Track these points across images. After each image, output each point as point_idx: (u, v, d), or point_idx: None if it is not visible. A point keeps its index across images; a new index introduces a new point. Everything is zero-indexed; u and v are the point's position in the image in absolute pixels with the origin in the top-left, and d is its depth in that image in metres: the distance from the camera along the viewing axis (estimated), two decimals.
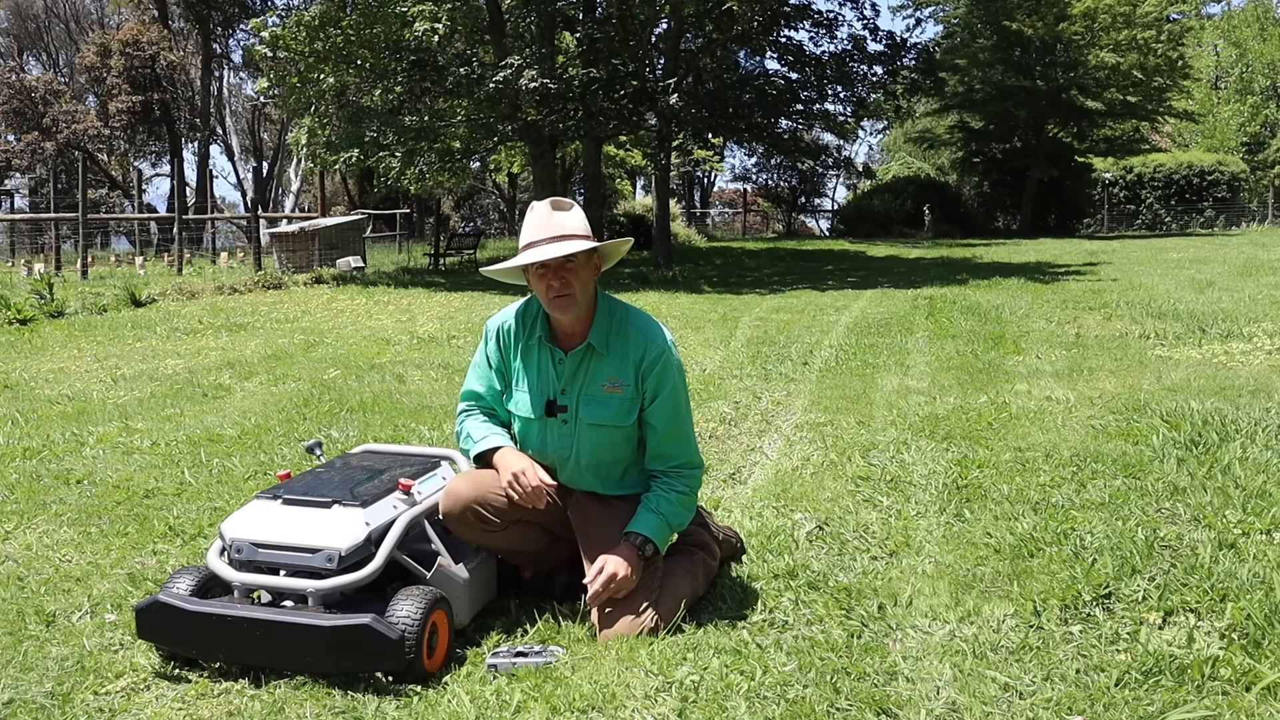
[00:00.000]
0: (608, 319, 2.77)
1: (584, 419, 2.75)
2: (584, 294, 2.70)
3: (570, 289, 2.66)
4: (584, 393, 2.75)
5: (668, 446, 2.75)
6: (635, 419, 2.74)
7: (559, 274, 2.66)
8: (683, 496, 2.74)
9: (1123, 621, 2.57)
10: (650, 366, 2.72)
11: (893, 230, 30.91)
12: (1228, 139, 39.50)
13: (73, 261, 16.97)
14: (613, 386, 2.73)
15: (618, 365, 2.73)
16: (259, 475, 4.23)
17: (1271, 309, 8.61)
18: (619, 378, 2.73)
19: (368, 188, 30.88)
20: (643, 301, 11.70)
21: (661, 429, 2.73)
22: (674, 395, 2.74)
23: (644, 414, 2.74)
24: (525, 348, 2.82)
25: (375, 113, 17.37)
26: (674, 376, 2.74)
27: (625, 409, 2.73)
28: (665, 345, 2.75)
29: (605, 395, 2.73)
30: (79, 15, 43.19)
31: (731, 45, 20.58)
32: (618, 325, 2.76)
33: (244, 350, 8.02)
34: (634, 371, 2.73)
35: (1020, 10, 28.21)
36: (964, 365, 6.56)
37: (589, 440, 2.76)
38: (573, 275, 2.66)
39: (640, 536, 2.65)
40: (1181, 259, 16.20)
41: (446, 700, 2.30)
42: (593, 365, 2.75)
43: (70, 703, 2.34)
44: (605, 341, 2.74)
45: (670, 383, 2.73)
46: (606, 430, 2.75)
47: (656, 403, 2.73)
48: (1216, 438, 4.12)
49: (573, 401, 2.76)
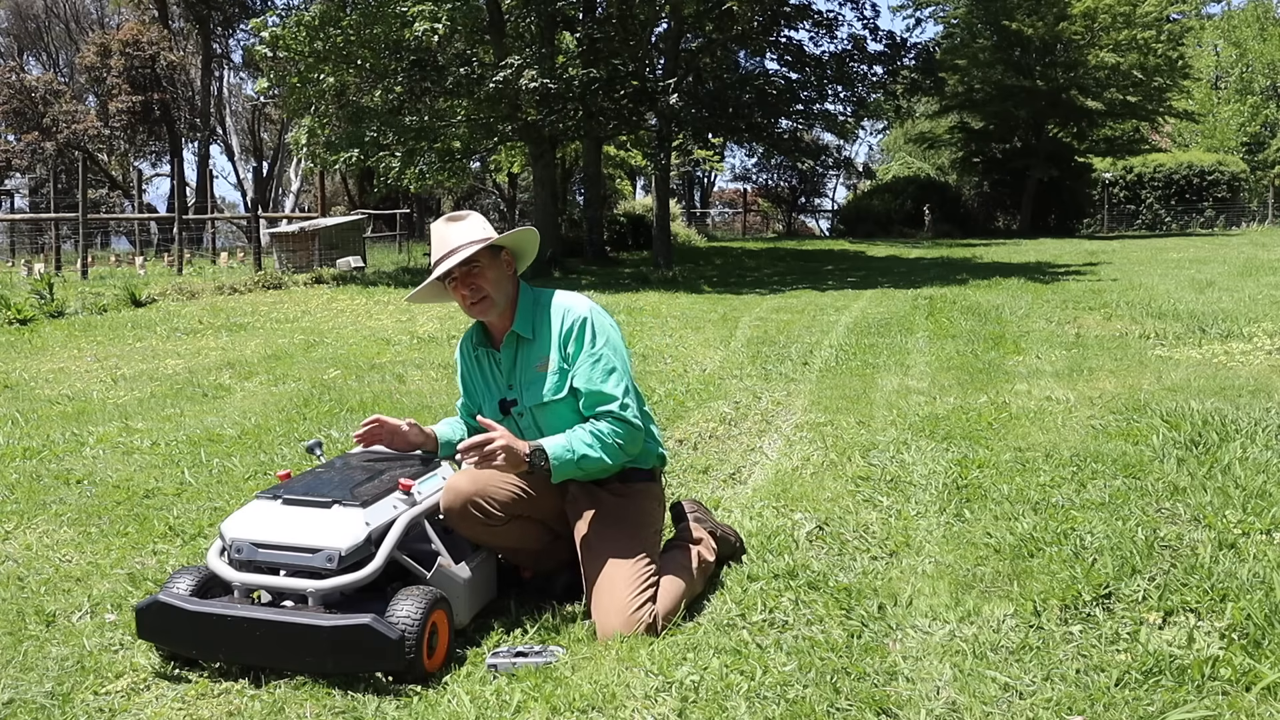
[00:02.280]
0: (531, 305, 2.86)
1: (528, 403, 2.84)
2: (500, 293, 2.81)
3: (483, 292, 2.79)
4: (523, 379, 2.84)
5: (593, 405, 2.77)
6: (568, 389, 2.80)
7: (466, 282, 2.78)
8: (598, 432, 2.72)
9: (1123, 621, 2.57)
10: (569, 334, 2.79)
11: (893, 230, 30.91)
12: (1228, 139, 39.51)
13: (73, 261, 16.97)
14: (543, 364, 2.81)
15: (545, 345, 2.82)
16: (259, 475, 4.23)
17: (1271, 309, 8.61)
18: (545, 355, 2.81)
19: (368, 188, 30.89)
20: (643, 301, 11.71)
21: (584, 390, 2.77)
22: (591, 355, 2.77)
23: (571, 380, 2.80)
24: (475, 360, 2.97)
25: (375, 113, 17.36)
26: (590, 337, 2.78)
27: (557, 383, 2.80)
28: (582, 312, 2.81)
29: (538, 375, 2.82)
30: (79, 15, 43.20)
31: (731, 45, 20.58)
32: (541, 310, 2.85)
33: (244, 350, 8.02)
34: (559, 345, 2.80)
35: (1020, 10, 28.20)
36: (964, 365, 6.56)
37: (545, 422, 2.83)
38: (480, 279, 2.78)
39: (538, 450, 2.65)
40: (1181, 259, 16.20)
41: (446, 700, 2.30)
42: (524, 353, 2.85)
43: (70, 703, 2.34)
44: (530, 327, 2.84)
45: (585, 344, 2.78)
46: (552, 406, 2.81)
47: (576, 364, 2.78)
48: (1216, 438, 4.12)
49: (519, 393, 2.85)
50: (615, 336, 2.85)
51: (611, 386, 2.76)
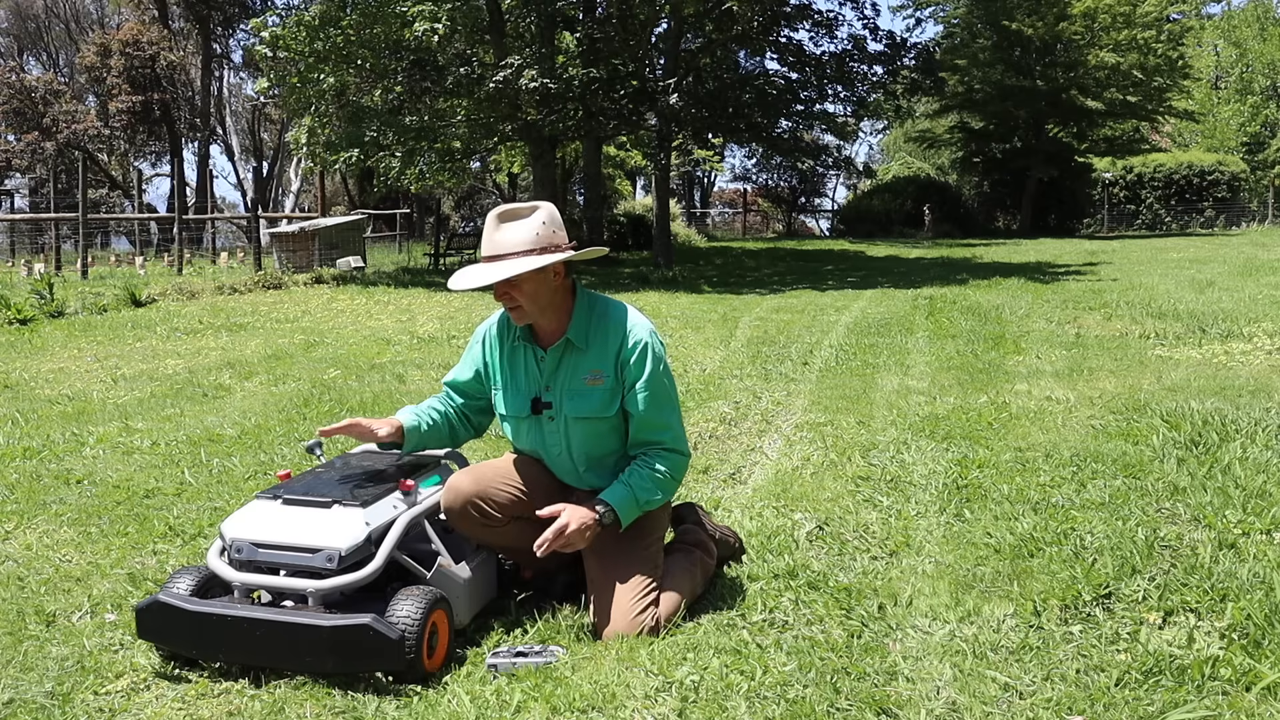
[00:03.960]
0: (587, 314, 2.78)
1: (568, 413, 2.77)
2: (533, 304, 2.71)
3: (517, 303, 2.71)
4: (567, 388, 2.77)
5: (646, 433, 2.75)
6: (618, 409, 2.76)
7: (503, 291, 2.70)
8: (656, 474, 2.72)
9: (1123, 621, 2.57)
10: (629, 355, 2.74)
11: (893, 230, 30.90)
12: (1228, 139, 39.49)
13: (73, 261, 16.96)
14: (594, 379, 2.75)
15: (598, 358, 2.75)
16: (259, 475, 4.23)
17: (1271, 309, 8.61)
18: (599, 370, 2.75)
19: (368, 188, 30.89)
20: (643, 301, 11.70)
21: (639, 415, 2.74)
22: (651, 382, 2.73)
23: (624, 402, 2.76)
24: (510, 350, 2.87)
25: (375, 113, 17.36)
26: (652, 364, 2.74)
27: (607, 400, 2.75)
28: (644, 335, 2.76)
29: (587, 388, 2.75)
30: (79, 15, 43.18)
31: (731, 45, 20.57)
32: (597, 319, 2.78)
33: (244, 350, 8.02)
34: (614, 363, 2.75)
35: (1020, 10, 28.19)
36: (964, 365, 6.56)
37: (577, 434, 2.79)
38: (517, 291, 2.69)
39: (604, 504, 2.66)
40: (1181, 259, 16.20)
41: (446, 700, 2.30)
42: (573, 360, 2.77)
43: (70, 703, 2.34)
44: (584, 336, 2.76)
45: (647, 370, 2.73)
46: (591, 423, 2.76)
47: (635, 390, 2.73)
48: (1216, 438, 4.12)
49: (557, 398, 2.78)
50: (667, 359, 2.83)
51: (666, 415, 2.75)
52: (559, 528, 2.58)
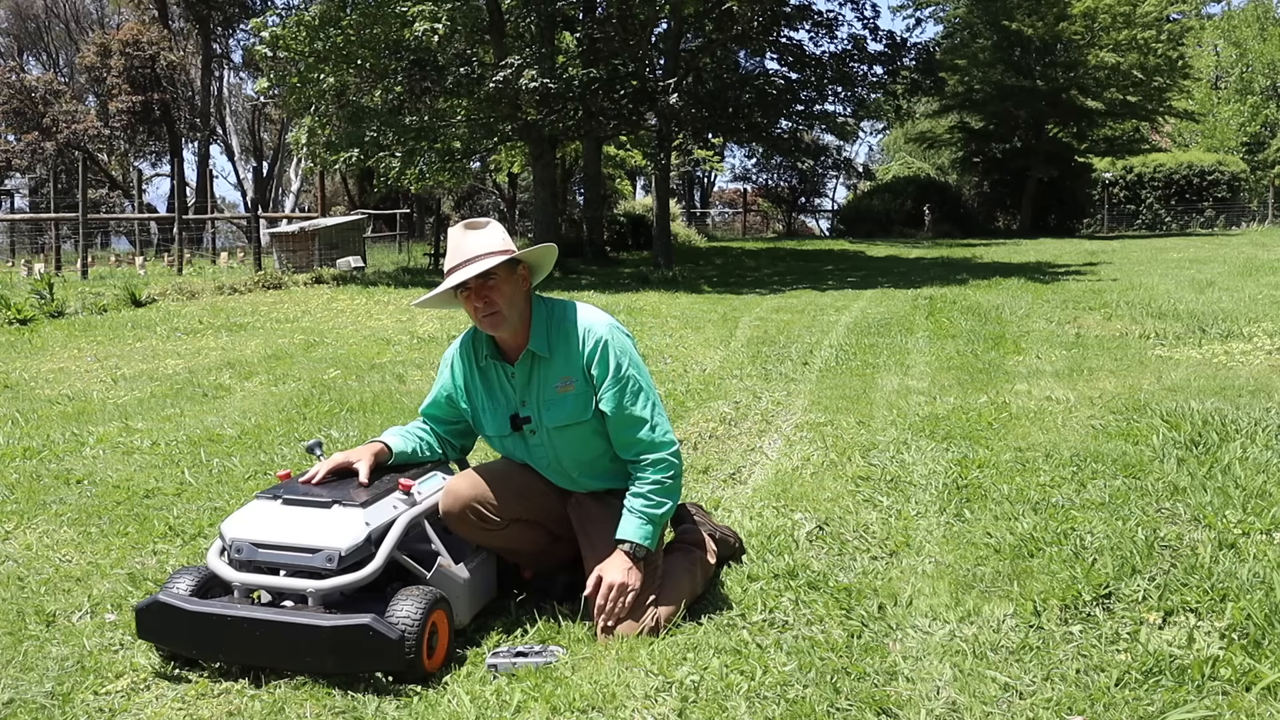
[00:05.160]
0: (545, 322, 2.76)
1: (548, 424, 2.75)
2: (511, 308, 2.69)
3: (495, 306, 2.67)
4: (541, 399, 2.75)
5: (624, 433, 2.73)
6: (595, 410, 2.74)
7: (480, 294, 2.67)
8: (658, 487, 2.70)
9: (1123, 621, 2.57)
10: (591, 355, 2.72)
11: (893, 230, 30.90)
12: (1228, 139, 39.49)
13: (73, 261, 16.96)
14: (564, 386, 2.73)
15: (564, 364, 2.73)
16: (259, 475, 4.23)
17: (1271, 309, 8.61)
18: (568, 375, 2.73)
19: (368, 188, 30.90)
20: (643, 301, 11.71)
21: (613, 414, 2.71)
22: (618, 378, 2.71)
23: (598, 403, 2.73)
24: (480, 371, 2.84)
25: (375, 113, 17.36)
26: (615, 359, 2.72)
27: (582, 404, 2.73)
28: (601, 332, 2.73)
29: (560, 396, 2.73)
30: (79, 15, 43.18)
31: (731, 45, 20.57)
32: (556, 325, 2.76)
33: (244, 350, 8.02)
34: (580, 365, 2.73)
35: (1020, 10, 28.19)
36: (964, 365, 6.55)
37: (562, 443, 2.77)
38: (494, 293, 2.67)
39: (629, 544, 2.65)
40: (1181, 259, 16.20)
41: (446, 700, 2.30)
42: (541, 370, 2.75)
43: (70, 703, 2.34)
44: (546, 344, 2.74)
45: (611, 367, 2.71)
46: (573, 429, 2.75)
47: (602, 388, 2.72)
48: (1216, 438, 4.12)
49: (534, 411, 2.76)
50: (634, 351, 2.79)
51: (640, 408, 2.72)
52: (607, 587, 2.59)
